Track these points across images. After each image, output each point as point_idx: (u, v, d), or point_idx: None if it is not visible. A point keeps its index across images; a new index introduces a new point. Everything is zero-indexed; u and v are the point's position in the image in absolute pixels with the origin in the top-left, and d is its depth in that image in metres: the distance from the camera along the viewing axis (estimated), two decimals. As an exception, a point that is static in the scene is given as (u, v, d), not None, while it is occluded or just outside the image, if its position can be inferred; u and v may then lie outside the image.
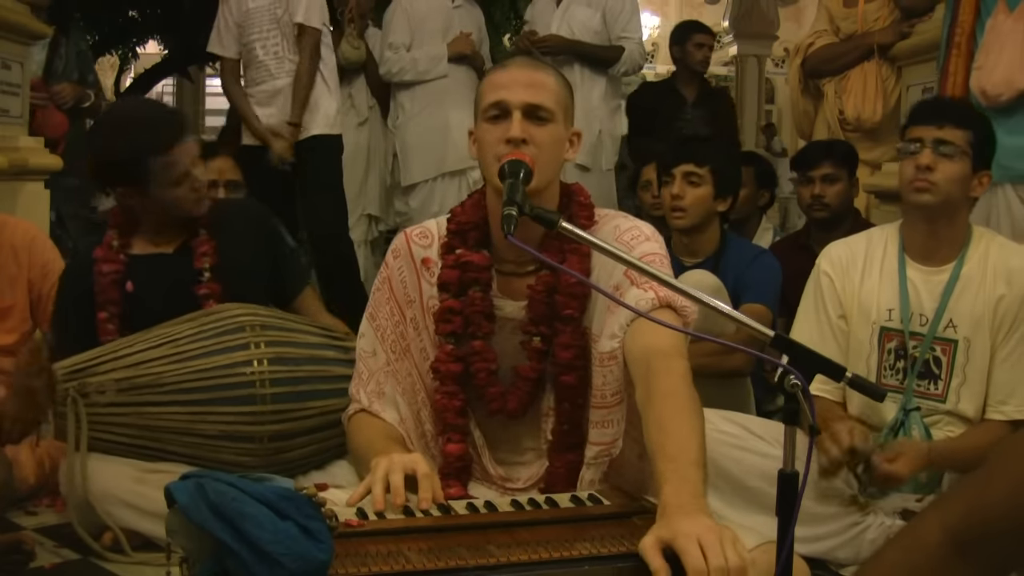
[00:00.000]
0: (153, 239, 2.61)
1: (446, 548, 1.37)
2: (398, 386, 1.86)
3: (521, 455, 1.87)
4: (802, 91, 4.49)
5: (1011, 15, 2.83)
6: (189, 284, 2.55)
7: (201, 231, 2.59)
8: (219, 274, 2.56)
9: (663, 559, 1.28)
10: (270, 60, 4.13)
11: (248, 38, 4.16)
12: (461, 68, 4.69)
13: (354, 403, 1.91)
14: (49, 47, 4.49)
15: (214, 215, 2.61)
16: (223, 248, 2.58)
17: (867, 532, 2.32)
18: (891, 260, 2.50)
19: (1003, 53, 2.83)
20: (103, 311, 2.54)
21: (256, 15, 4.13)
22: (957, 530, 1.08)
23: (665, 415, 1.49)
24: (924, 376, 2.44)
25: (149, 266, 2.58)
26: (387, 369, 1.87)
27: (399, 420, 1.86)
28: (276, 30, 4.12)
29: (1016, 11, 2.83)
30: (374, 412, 1.87)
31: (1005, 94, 2.93)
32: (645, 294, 1.68)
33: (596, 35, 4.62)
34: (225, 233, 2.60)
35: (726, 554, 1.26)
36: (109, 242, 2.58)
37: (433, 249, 1.87)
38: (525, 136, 1.72)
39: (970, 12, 2.93)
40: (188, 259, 2.57)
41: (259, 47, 4.13)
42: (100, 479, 2.34)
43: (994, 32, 2.86)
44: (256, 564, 1.27)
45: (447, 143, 4.62)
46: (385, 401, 1.86)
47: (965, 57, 2.93)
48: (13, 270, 2.88)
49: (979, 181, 2.41)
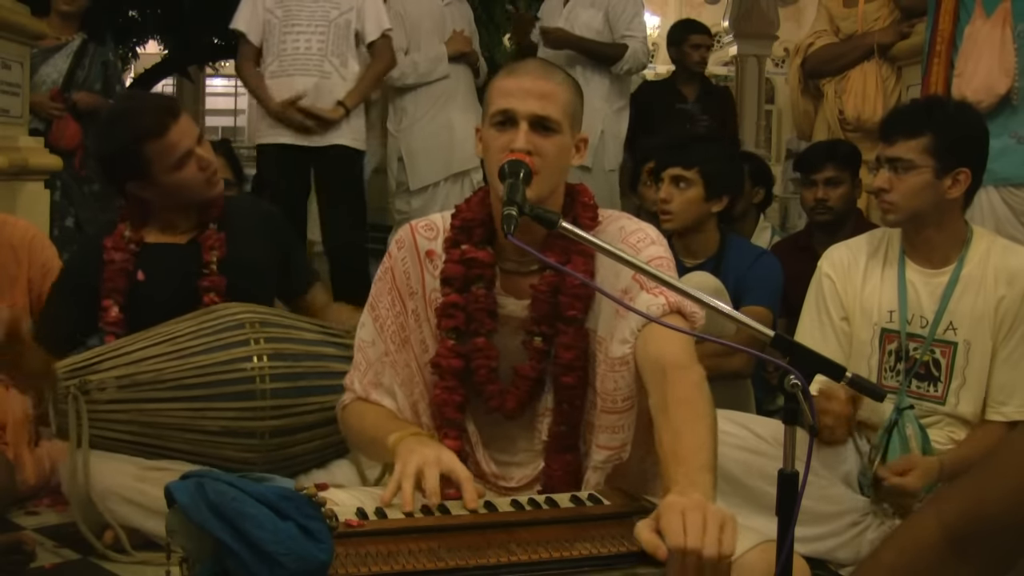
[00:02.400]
0: (166, 229, 2.61)
1: (446, 548, 1.37)
2: (396, 377, 1.85)
3: (515, 454, 1.87)
4: (802, 91, 4.49)
5: (988, 21, 2.85)
6: (197, 276, 2.56)
7: (211, 224, 2.59)
8: (226, 268, 2.56)
9: (657, 536, 1.29)
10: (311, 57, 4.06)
11: (287, 30, 4.08)
12: (460, 67, 4.70)
13: (348, 392, 1.89)
14: (74, 57, 4.48)
15: (225, 210, 2.62)
16: (232, 242, 2.58)
17: (867, 532, 2.33)
18: (892, 262, 2.50)
19: (981, 59, 2.85)
20: (108, 298, 2.54)
21: (304, 10, 4.07)
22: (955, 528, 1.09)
23: (679, 421, 1.49)
24: (924, 378, 2.44)
25: (160, 255, 2.59)
26: (385, 359, 1.86)
27: (396, 410, 1.86)
28: (326, 29, 4.07)
29: (993, 17, 2.84)
30: (372, 401, 1.86)
31: (985, 100, 2.94)
32: (656, 299, 1.67)
33: (599, 35, 4.63)
34: (235, 228, 2.61)
35: (706, 534, 1.25)
36: (121, 232, 2.58)
37: (438, 242, 1.87)
38: (530, 147, 1.71)
39: (949, 20, 2.94)
40: (198, 251, 2.58)
41: (303, 41, 4.06)
42: (101, 476, 2.35)
43: (972, 39, 2.87)
44: (256, 564, 1.27)
45: (452, 144, 4.63)
46: (382, 391, 1.85)
47: (945, 64, 2.95)
48: (13, 269, 2.89)
49: (953, 180, 2.38)
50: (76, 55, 4.48)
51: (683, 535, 1.26)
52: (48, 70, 4.41)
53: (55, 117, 4.35)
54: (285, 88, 4.05)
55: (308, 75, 4.06)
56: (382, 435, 1.72)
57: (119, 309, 2.54)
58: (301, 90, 4.01)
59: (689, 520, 1.27)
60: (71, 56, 4.46)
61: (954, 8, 2.92)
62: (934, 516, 1.12)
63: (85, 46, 4.53)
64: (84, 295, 2.56)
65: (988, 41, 2.83)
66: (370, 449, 1.87)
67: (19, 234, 2.91)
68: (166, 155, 2.48)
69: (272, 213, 2.78)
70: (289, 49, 4.07)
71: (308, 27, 4.07)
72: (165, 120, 2.49)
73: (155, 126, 2.48)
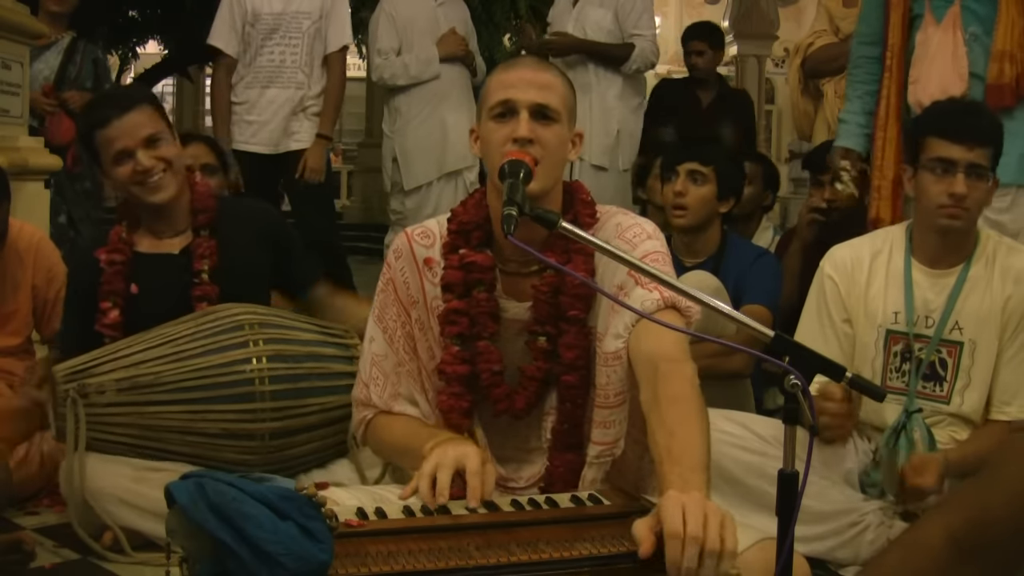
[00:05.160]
0: (158, 235, 2.59)
1: (446, 548, 1.37)
2: (414, 384, 1.86)
3: (523, 454, 1.87)
4: (802, 91, 4.49)
5: (939, 27, 2.85)
6: (190, 287, 2.53)
7: (202, 231, 2.56)
8: (218, 276, 2.53)
9: (653, 537, 1.29)
10: (285, 69, 4.16)
11: (262, 43, 4.17)
12: (453, 67, 4.68)
13: (366, 409, 1.88)
14: (64, 54, 4.49)
15: (218, 214, 2.58)
16: (224, 249, 2.55)
17: (866, 532, 2.33)
18: (897, 263, 2.49)
19: (935, 64, 2.84)
20: (107, 301, 2.51)
21: (281, 23, 4.15)
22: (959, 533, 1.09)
23: (673, 419, 1.48)
24: (929, 378, 2.44)
25: (153, 266, 2.56)
26: (400, 370, 1.86)
27: (421, 416, 1.86)
28: (299, 41, 4.15)
29: (943, 22, 2.84)
30: (396, 412, 1.86)
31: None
32: (650, 294, 1.67)
33: (609, 34, 4.59)
34: (227, 233, 2.58)
35: (708, 527, 1.26)
36: (118, 234, 2.56)
37: (435, 249, 1.86)
38: (532, 136, 1.71)
39: (899, 34, 2.94)
40: (191, 260, 2.55)
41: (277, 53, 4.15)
42: (99, 478, 2.35)
43: (924, 45, 2.87)
44: (256, 564, 1.27)
45: (445, 144, 4.63)
46: (404, 401, 1.86)
47: (897, 80, 2.94)
48: (18, 274, 2.88)
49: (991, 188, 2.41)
50: (67, 52, 4.49)
51: (682, 524, 1.26)
52: (40, 66, 4.40)
53: (49, 113, 4.35)
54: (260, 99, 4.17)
55: (284, 87, 4.17)
56: (417, 444, 1.70)
57: (119, 312, 2.51)
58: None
59: (689, 512, 1.27)
60: (62, 53, 4.47)
61: (902, 21, 2.93)
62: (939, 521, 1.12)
63: (75, 43, 4.53)
64: (86, 302, 2.54)
65: (940, 47, 2.84)
66: (406, 459, 1.83)
67: (25, 239, 2.91)
68: (105, 148, 2.47)
69: (268, 214, 2.75)
70: (264, 61, 4.17)
71: (283, 39, 4.17)
72: (108, 113, 2.47)
73: (99, 117, 2.48)
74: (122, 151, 2.46)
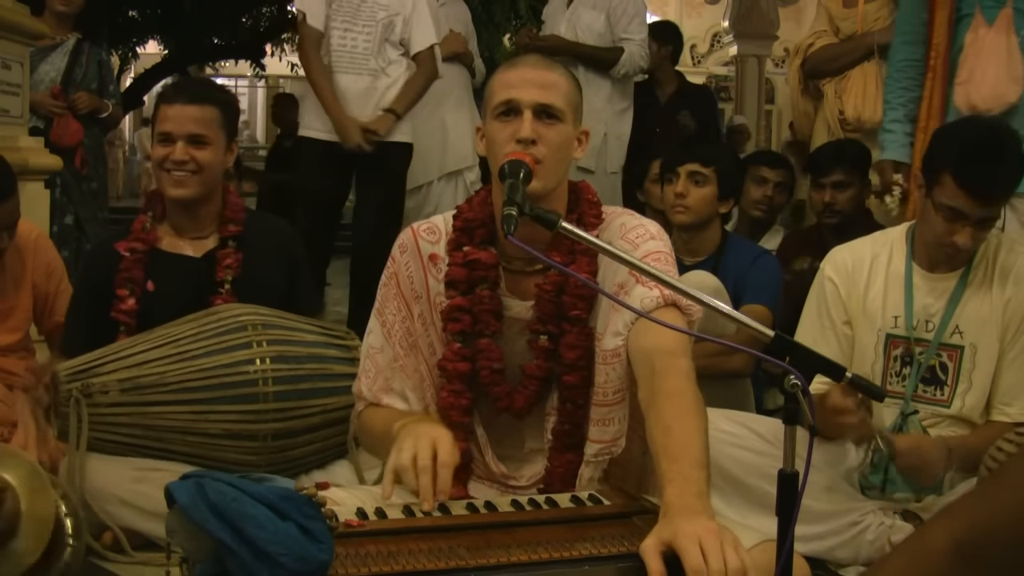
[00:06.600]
0: (180, 236, 2.62)
1: (446, 548, 1.37)
2: (408, 381, 1.86)
3: (524, 453, 1.87)
4: (802, 91, 4.48)
5: (991, 28, 2.82)
6: (207, 291, 2.55)
7: (230, 242, 2.60)
8: (238, 286, 2.57)
9: (662, 562, 1.28)
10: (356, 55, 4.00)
11: (337, 25, 4.00)
12: (453, 67, 4.68)
13: (359, 401, 1.91)
14: (70, 55, 4.50)
15: (244, 227, 2.62)
16: (247, 261, 2.59)
17: (866, 532, 2.32)
18: (897, 266, 2.48)
19: (988, 68, 2.82)
20: (124, 289, 2.53)
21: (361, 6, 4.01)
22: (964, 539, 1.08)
23: (669, 415, 1.49)
24: (930, 382, 2.44)
25: (172, 266, 2.59)
26: (395, 365, 1.86)
27: (408, 412, 1.87)
28: (372, 29, 4.01)
29: (996, 24, 2.81)
30: (384, 405, 1.87)
31: (995, 108, 2.93)
32: (650, 292, 1.68)
33: (600, 37, 4.60)
34: (251, 246, 2.62)
35: (726, 556, 1.26)
36: (142, 224, 2.61)
37: (440, 245, 1.87)
38: (535, 136, 1.71)
39: (944, 33, 2.91)
40: (212, 266, 2.58)
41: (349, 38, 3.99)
42: (99, 478, 2.35)
43: (975, 47, 2.84)
44: (256, 564, 1.27)
45: (446, 144, 4.62)
46: (394, 395, 1.87)
47: (942, 81, 2.91)
48: (18, 271, 2.89)
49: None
50: (73, 53, 4.50)
51: (702, 560, 1.26)
52: (47, 68, 4.42)
53: (56, 115, 4.37)
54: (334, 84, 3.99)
55: (358, 74, 4.00)
56: (390, 429, 1.73)
57: (135, 300, 2.53)
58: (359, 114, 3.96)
59: (707, 546, 1.27)
60: (68, 55, 4.48)
61: (948, 20, 2.89)
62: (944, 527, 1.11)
63: (81, 45, 4.55)
64: (101, 297, 2.55)
65: (993, 49, 2.80)
66: (381, 448, 1.85)
67: (23, 235, 2.91)
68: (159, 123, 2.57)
69: (290, 234, 2.78)
70: (335, 45, 3.99)
71: (355, 24, 4.01)
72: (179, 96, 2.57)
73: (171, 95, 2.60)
74: (167, 134, 2.55)
